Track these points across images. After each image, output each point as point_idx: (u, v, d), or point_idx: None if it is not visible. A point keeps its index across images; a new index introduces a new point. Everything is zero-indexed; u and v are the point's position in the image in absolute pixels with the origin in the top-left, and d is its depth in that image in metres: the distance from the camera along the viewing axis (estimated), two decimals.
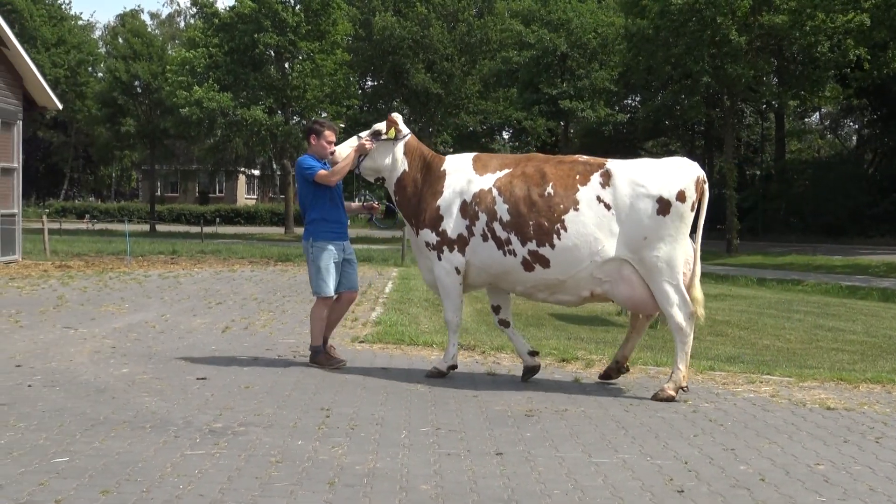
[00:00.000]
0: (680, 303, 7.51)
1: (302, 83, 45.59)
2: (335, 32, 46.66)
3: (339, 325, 11.46)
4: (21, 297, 14.44)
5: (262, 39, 44.18)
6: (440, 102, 50.07)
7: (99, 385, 7.54)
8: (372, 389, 7.63)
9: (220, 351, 9.42)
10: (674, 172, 7.63)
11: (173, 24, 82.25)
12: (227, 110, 44.07)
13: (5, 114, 22.32)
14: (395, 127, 8.42)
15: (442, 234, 8.08)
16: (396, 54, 48.18)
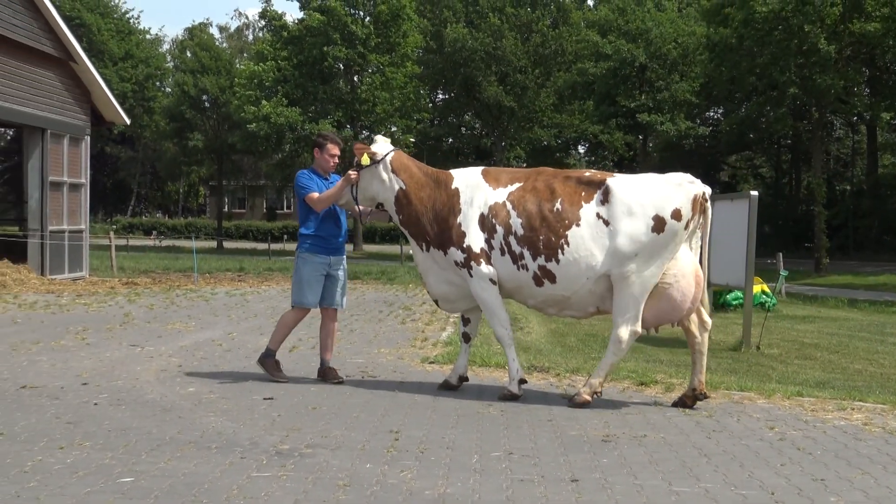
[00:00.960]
0: (632, 318, 7.82)
1: (371, 97, 45.97)
2: (405, 45, 47.00)
3: (409, 346, 11.52)
4: (88, 314, 14.75)
5: (331, 52, 44.68)
6: (513, 116, 50.10)
7: (165, 404, 7.66)
8: (442, 412, 7.62)
9: (287, 370, 9.49)
10: (672, 190, 7.88)
11: (242, 37, 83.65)
12: (296, 125, 44.62)
13: (73, 129, 22.89)
14: (366, 153, 8.59)
15: (468, 249, 8.25)
16: (468, 66, 48.35)
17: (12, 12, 19.99)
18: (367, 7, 46.55)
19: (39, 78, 21.60)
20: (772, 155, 59.16)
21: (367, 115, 47.03)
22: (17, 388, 8.17)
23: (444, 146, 59.69)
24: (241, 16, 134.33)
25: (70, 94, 23.05)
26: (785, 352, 13.83)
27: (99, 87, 23.86)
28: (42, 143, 21.63)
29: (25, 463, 5.76)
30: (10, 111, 20.53)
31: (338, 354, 10.71)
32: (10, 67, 20.39)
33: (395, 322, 14.42)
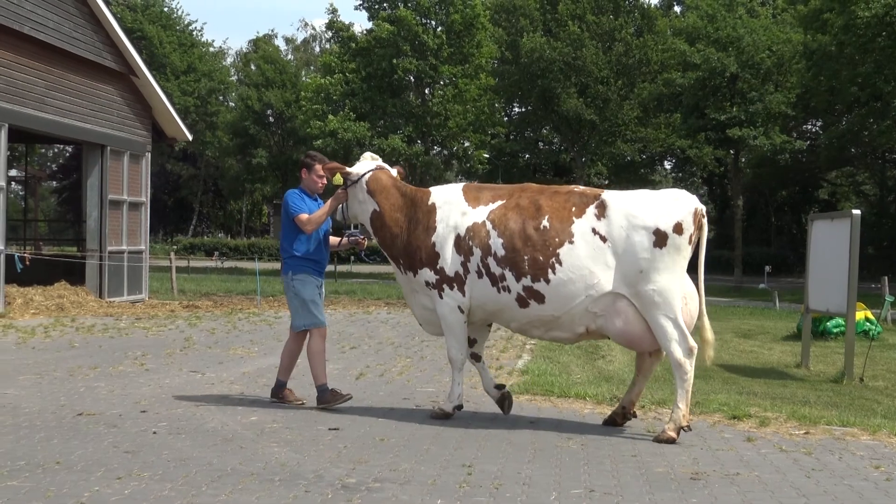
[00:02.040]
0: (679, 338, 7.85)
1: (443, 110, 46.16)
2: (479, 55, 47.13)
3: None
4: (147, 338, 15.00)
5: (401, 64, 44.99)
6: (594, 129, 49.90)
7: (226, 434, 7.74)
8: (518, 445, 7.58)
9: (353, 400, 9.52)
10: (670, 204, 7.99)
11: (308, 49, 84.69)
12: (364, 140, 44.97)
13: (134, 146, 23.37)
14: (339, 172, 8.92)
15: (440, 271, 8.42)
16: (546, 78, 48.31)
17: (73, 26, 20.51)
18: (440, 16, 46.82)
19: (100, 93, 22.10)
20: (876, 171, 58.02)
21: (439, 130, 47.22)
22: (75, 416, 8.33)
23: (520, 162, 59.66)
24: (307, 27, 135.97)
25: (131, 110, 23.55)
26: (891, 384, 13.53)
27: (160, 102, 24.33)
28: (101, 160, 22.11)
29: (82, 493, 5.86)
30: (70, 127, 21.03)
31: (407, 383, 10.74)
32: (71, 82, 20.90)
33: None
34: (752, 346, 18.59)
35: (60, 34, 20.06)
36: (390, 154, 45.00)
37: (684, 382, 7.87)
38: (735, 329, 21.88)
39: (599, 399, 9.80)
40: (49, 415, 8.36)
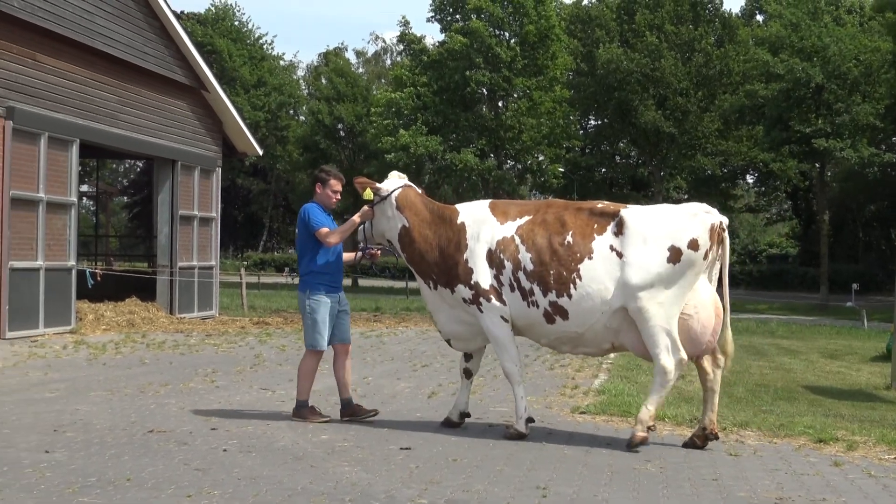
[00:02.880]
0: (671, 347, 8.11)
1: (517, 123, 46.19)
2: (554, 67, 47.11)
3: (559, 393, 11.47)
4: (217, 354, 15.19)
5: (474, 77, 45.13)
6: (673, 143, 49.56)
7: (297, 452, 7.81)
8: (594, 467, 7.54)
9: (425, 418, 9.56)
10: (687, 220, 8.25)
11: (379, 62, 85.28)
12: (436, 154, 45.16)
13: (204, 161, 23.73)
14: (369, 188, 9.09)
15: (476, 286, 8.65)
16: (623, 90, 48.14)
17: (144, 40, 20.92)
18: (513, 28, 46.91)
19: (171, 108, 22.49)
20: None
21: (513, 144, 47.25)
22: (145, 433, 8.47)
23: (596, 176, 59.40)
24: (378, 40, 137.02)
25: (201, 124, 23.92)
26: None
27: (231, 117, 24.68)
28: (172, 175, 22.49)
29: None
30: (141, 142, 21.43)
31: (479, 402, 10.73)
32: (142, 97, 21.30)
33: (542, 367, 14.37)
34: (839, 366, 18.29)
35: (132, 49, 20.47)
36: (462, 170, 45.10)
37: (661, 388, 8.18)
38: (821, 349, 21.54)
39: (679, 420, 9.71)
40: (120, 431, 8.51)
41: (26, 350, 15.00)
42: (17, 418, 9.05)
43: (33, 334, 17.16)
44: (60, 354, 14.67)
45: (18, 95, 17.19)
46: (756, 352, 18.64)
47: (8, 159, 16.80)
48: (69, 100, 18.69)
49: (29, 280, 17.38)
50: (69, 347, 15.59)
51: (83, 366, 13.45)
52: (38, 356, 14.32)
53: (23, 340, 16.40)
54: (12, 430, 8.42)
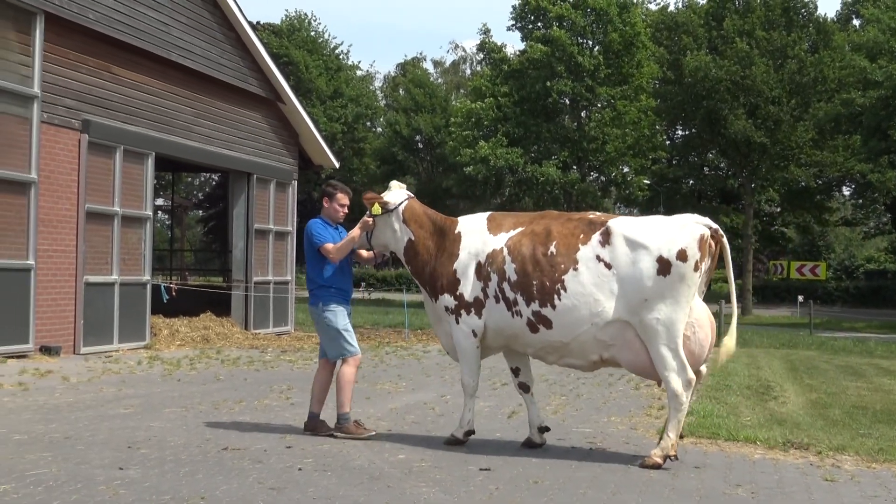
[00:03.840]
0: (678, 368, 8.21)
1: (601, 134, 46.01)
2: (639, 76, 46.86)
3: (644, 414, 11.37)
4: (293, 371, 15.32)
5: (556, 86, 45.06)
6: (765, 153, 48.92)
7: (373, 472, 7.83)
8: (682, 491, 7.45)
9: (505, 439, 9.53)
10: (676, 231, 8.36)
11: (458, 71, 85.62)
12: (516, 167, 45.13)
13: (280, 174, 23.98)
14: (377, 202, 9.37)
15: (459, 297, 8.99)
16: (712, 98, 47.66)
17: (220, 52, 21.24)
18: (596, 36, 46.79)
19: (246, 120, 22.79)
20: None
21: (596, 155, 47.05)
22: (219, 450, 8.56)
23: (683, 188, 58.91)
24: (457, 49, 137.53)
25: (277, 137, 24.20)
26: None
27: (307, 129, 24.93)
28: (248, 188, 22.77)
29: None
30: (216, 155, 21.74)
31: (562, 422, 10.68)
32: (217, 110, 21.62)
33: (627, 387, 14.26)
34: None
35: (207, 61, 20.79)
36: (544, 183, 44.98)
37: (678, 413, 8.27)
38: None
39: (771, 444, 9.56)
40: (194, 449, 8.61)
41: (101, 365, 15.28)
42: (92, 434, 9.21)
43: (108, 349, 17.47)
44: (135, 370, 14.91)
45: (94, 108, 17.56)
46: (853, 372, 18.27)
47: (84, 173, 17.16)
48: (144, 112, 19.04)
49: (104, 295, 17.71)
50: (143, 363, 15.84)
51: (157, 382, 13.66)
52: (112, 371, 14.57)
53: (97, 355, 16.71)
54: (86, 447, 8.57)
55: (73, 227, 17.04)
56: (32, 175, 16.01)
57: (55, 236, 16.62)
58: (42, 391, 12.20)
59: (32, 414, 10.36)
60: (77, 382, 13.25)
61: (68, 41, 16.99)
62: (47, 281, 16.41)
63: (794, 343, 25.92)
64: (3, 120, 15.59)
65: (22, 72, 15.98)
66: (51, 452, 8.25)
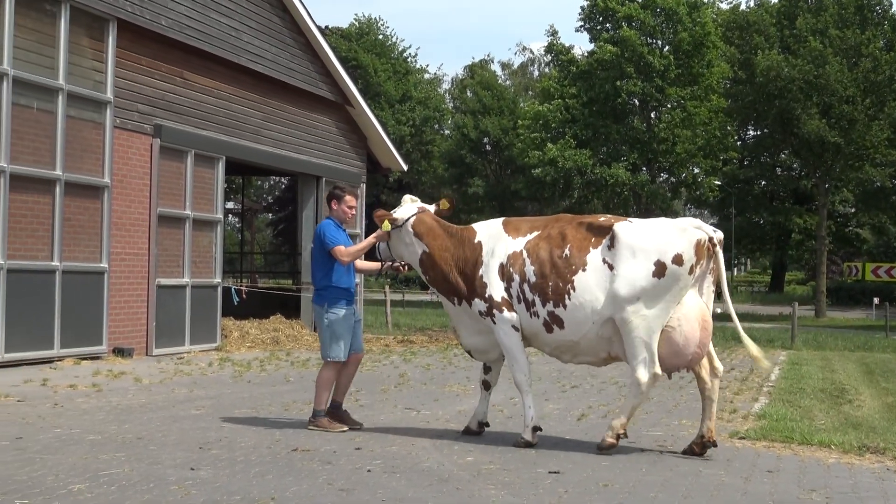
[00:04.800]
0: (648, 361, 8.72)
1: (670, 135, 45.63)
2: (710, 76, 46.39)
3: (717, 417, 11.25)
4: (361, 373, 15.35)
5: (625, 87, 44.78)
6: (839, 153, 48.13)
7: (442, 474, 7.84)
8: (754, 496, 7.36)
9: (575, 441, 9.49)
10: (674, 236, 8.83)
11: (526, 73, 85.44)
12: (585, 169, 44.91)
13: (349, 177, 24.12)
14: (387, 219, 9.77)
15: (489, 299, 9.38)
16: (784, 98, 47.00)
17: (290, 56, 21.42)
18: (666, 36, 46.42)
19: (315, 124, 22.96)
20: None
21: (666, 156, 46.67)
22: (289, 451, 8.63)
23: (754, 189, 58.25)
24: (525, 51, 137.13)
25: (346, 140, 24.35)
26: None
27: (376, 132, 25.06)
28: (317, 191, 22.92)
29: None
30: (286, 159, 21.92)
31: (632, 427, 10.60)
32: (287, 114, 21.81)
33: (698, 390, 14.10)
34: None
35: (277, 65, 20.98)
36: (613, 185, 44.72)
37: (635, 399, 8.88)
38: None
39: (846, 448, 9.41)
40: (264, 450, 8.68)
41: (172, 367, 15.47)
42: (164, 435, 9.33)
43: (179, 351, 17.70)
44: (206, 371, 15.08)
45: (165, 113, 17.80)
46: None
47: (155, 176, 17.40)
48: (215, 117, 19.27)
49: (175, 297, 17.95)
50: (214, 364, 16.02)
51: (228, 383, 13.80)
52: (183, 373, 14.75)
53: (169, 357, 16.93)
54: (158, 447, 8.68)
55: (146, 230, 17.29)
56: (106, 179, 16.27)
57: (128, 239, 16.87)
58: (115, 392, 12.39)
59: (106, 414, 10.52)
60: (149, 384, 13.44)
61: (141, 47, 17.24)
62: (120, 283, 16.66)
63: (870, 346, 25.49)
64: (78, 125, 15.86)
65: (95, 78, 16.26)
66: (124, 452, 8.37)
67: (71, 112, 15.66)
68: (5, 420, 9.95)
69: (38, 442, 8.78)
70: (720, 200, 56.81)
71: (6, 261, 14.37)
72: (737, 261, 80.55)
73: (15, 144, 14.59)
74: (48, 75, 15.29)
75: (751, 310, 46.50)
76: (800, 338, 24.31)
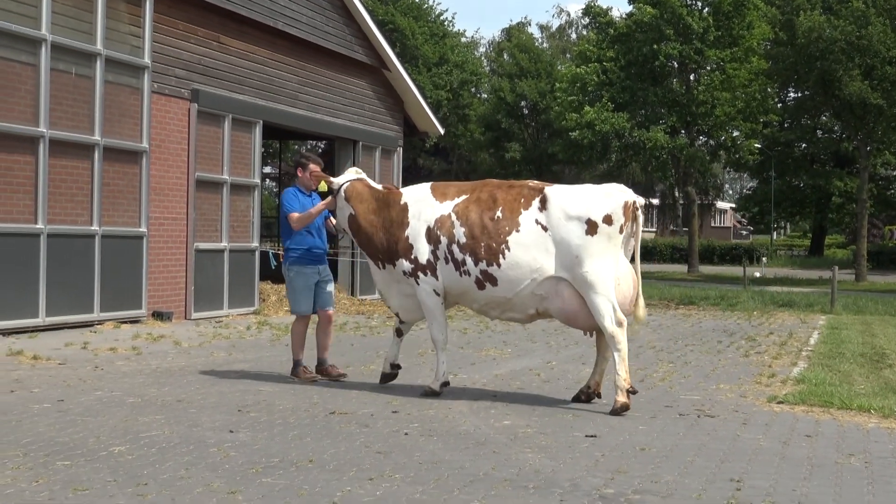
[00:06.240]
0: (611, 313, 9.20)
1: (710, 98, 45.20)
2: (750, 37, 45.85)
3: (754, 382, 11.23)
4: None
5: (664, 50, 44.35)
6: (881, 115, 47.51)
7: (479, 437, 7.88)
8: (793, 460, 7.35)
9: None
10: (603, 198, 9.42)
11: (564, 36, 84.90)
12: (623, 132, 44.62)
13: (385, 141, 24.12)
14: (324, 181, 10.56)
15: (415, 261, 9.96)
16: (826, 59, 46.38)
17: (325, 20, 21.39)
18: None
19: (352, 87, 22.95)
20: None
21: (705, 119, 46.25)
22: (327, 414, 8.70)
23: (795, 152, 57.71)
24: (562, 13, 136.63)
25: (382, 104, 24.33)
26: None
27: (412, 96, 25.02)
28: (354, 155, 22.94)
29: (335, 493, 6.11)
30: (322, 123, 21.94)
31: (669, 389, 10.61)
32: (324, 77, 21.81)
33: (736, 354, 14.09)
34: None
35: (313, 29, 20.96)
36: (652, 148, 44.39)
37: (619, 351, 9.22)
38: None
39: (886, 412, 9.36)
40: (302, 413, 8.76)
41: (211, 330, 15.60)
42: (203, 398, 9.43)
43: (218, 315, 17.84)
44: (244, 335, 15.19)
45: (203, 78, 17.85)
46: None
47: (193, 141, 17.48)
48: (252, 81, 19.30)
49: (213, 261, 18.06)
50: (252, 328, 16.13)
51: (266, 346, 13.90)
52: (222, 336, 14.86)
53: (207, 321, 17.06)
54: (198, 410, 8.77)
55: (184, 194, 17.39)
56: (144, 144, 16.35)
57: (166, 204, 16.98)
58: (155, 355, 12.51)
59: (146, 378, 10.64)
60: (188, 347, 13.56)
61: (177, 12, 17.28)
62: (159, 248, 16.79)
63: None
64: (115, 90, 15.94)
65: (133, 42, 16.31)
66: (163, 415, 8.47)
67: (109, 77, 15.73)
68: (47, 383, 10.08)
69: (79, 404, 8.90)
70: (760, 163, 56.31)
71: (46, 225, 14.51)
72: (776, 224, 79.88)
73: (54, 110, 14.69)
74: (86, 41, 15.35)
75: (790, 273, 46.19)
76: (839, 302, 24.11)
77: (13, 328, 13.99)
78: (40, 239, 14.41)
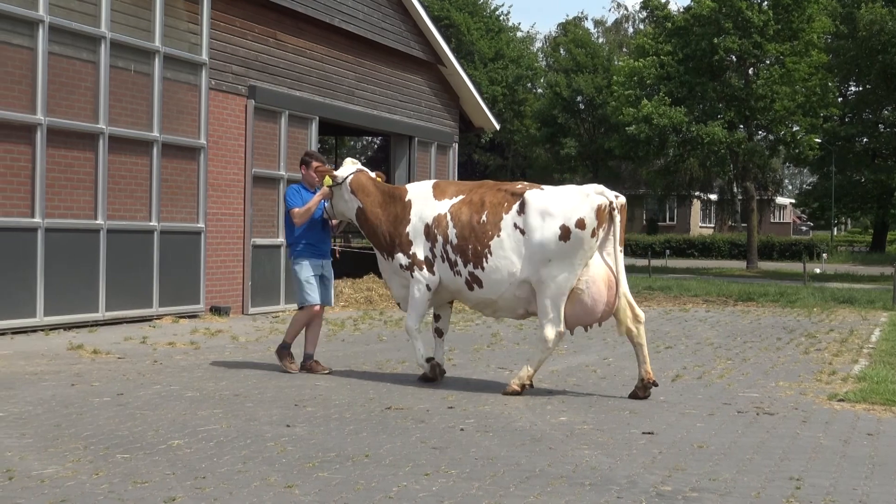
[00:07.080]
0: (555, 319, 9.51)
1: (769, 92, 44.70)
2: (810, 31, 45.29)
3: (814, 379, 11.11)
4: (454, 332, 15.44)
5: (723, 44, 43.94)
6: None
7: (535, 434, 7.86)
8: (854, 459, 7.25)
9: (669, 402, 9.43)
10: (578, 202, 9.53)
11: (620, 30, 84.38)
12: (681, 126, 44.27)
13: (441, 136, 24.15)
14: (328, 175, 10.74)
15: (413, 256, 10.29)
16: (888, 52, 45.80)
17: (382, 16, 21.45)
18: None
19: (408, 83, 22.99)
20: None
21: (764, 114, 45.74)
22: (383, 409, 8.72)
23: (856, 147, 56.90)
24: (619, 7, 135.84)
25: (438, 100, 24.35)
26: None
27: (468, 91, 25.02)
28: (409, 151, 23.01)
29: (391, 488, 6.12)
30: (379, 119, 22.01)
31: (728, 386, 10.52)
32: (380, 73, 21.88)
33: (796, 352, 13.93)
34: None
35: (369, 25, 21.02)
36: (710, 143, 44.00)
37: (541, 353, 9.70)
38: None
39: None
40: (358, 408, 8.79)
41: (268, 325, 15.71)
42: (260, 392, 9.50)
43: (274, 310, 17.98)
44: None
45: (260, 74, 17.98)
46: None
47: (250, 137, 17.62)
48: (308, 77, 19.41)
49: (270, 257, 18.20)
50: None
51: (322, 341, 13.93)
52: (279, 332, 14.94)
53: (264, 316, 17.19)
54: (255, 404, 8.84)
55: (241, 190, 17.54)
56: (202, 140, 16.51)
57: (224, 200, 17.13)
58: (213, 350, 12.63)
59: (204, 372, 10.74)
60: (246, 342, 13.67)
61: (235, 9, 17.42)
62: (217, 243, 16.95)
63: None
64: (174, 87, 16.10)
65: (191, 40, 16.47)
66: (221, 409, 8.54)
67: (167, 74, 15.90)
68: (107, 377, 10.21)
69: (138, 398, 9.01)
70: (820, 158, 55.59)
71: (106, 221, 14.70)
72: (837, 220, 78.91)
73: (113, 107, 14.88)
74: (144, 38, 15.52)
75: (851, 270, 45.58)
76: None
77: (74, 322, 14.20)
78: (100, 234, 14.60)
